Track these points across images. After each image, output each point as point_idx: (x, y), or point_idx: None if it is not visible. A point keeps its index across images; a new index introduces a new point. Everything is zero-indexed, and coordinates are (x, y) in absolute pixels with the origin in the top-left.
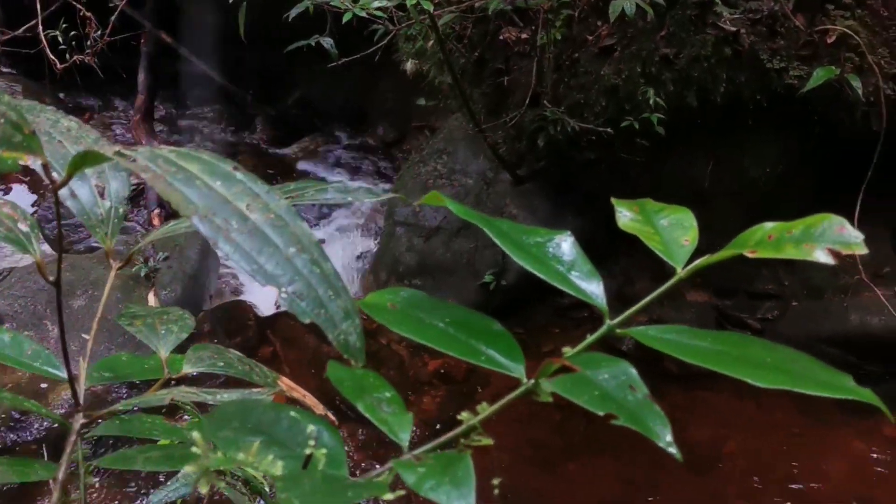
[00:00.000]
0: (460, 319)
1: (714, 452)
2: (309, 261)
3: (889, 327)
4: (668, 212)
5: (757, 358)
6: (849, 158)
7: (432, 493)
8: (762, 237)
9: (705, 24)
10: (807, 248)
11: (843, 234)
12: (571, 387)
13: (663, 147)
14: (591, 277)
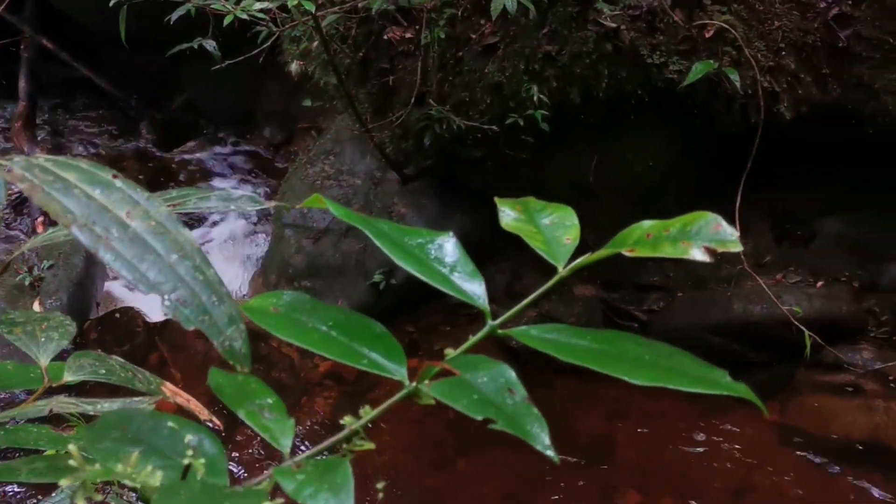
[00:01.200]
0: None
1: (607, 442)
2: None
3: (771, 315)
4: (551, 210)
5: (635, 355)
6: (729, 150)
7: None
8: (640, 236)
9: (586, 20)
10: (683, 246)
11: (719, 231)
12: (450, 391)
13: (548, 143)
14: (473, 278)
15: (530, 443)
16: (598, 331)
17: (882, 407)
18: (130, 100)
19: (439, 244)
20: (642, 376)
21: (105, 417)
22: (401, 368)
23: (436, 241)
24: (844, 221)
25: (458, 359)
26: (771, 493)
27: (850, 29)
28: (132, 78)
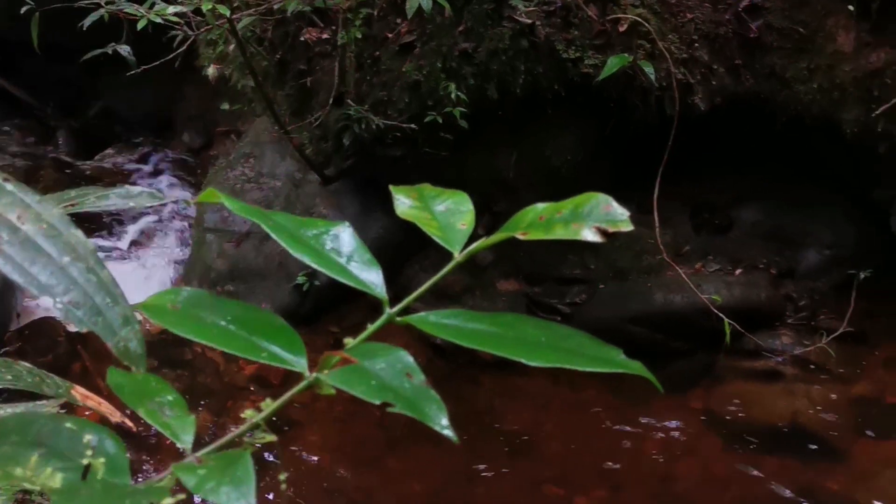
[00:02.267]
0: (243, 316)
1: (531, 437)
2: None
3: (691, 304)
4: (446, 197)
5: (532, 338)
6: (647, 142)
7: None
8: (533, 219)
9: (502, 17)
10: (575, 227)
11: (610, 212)
12: (349, 378)
13: (468, 140)
14: (370, 267)
15: (428, 424)
16: (497, 315)
17: (802, 391)
18: (46, 108)
19: (335, 234)
20: (539, 358)
21: (4, 422)
22: (301, 360)
23: (332, 232)
24: (760, 209)
25: (358, 347)
26: (696, 480)
27: (760, 20)
28: (48, 86)
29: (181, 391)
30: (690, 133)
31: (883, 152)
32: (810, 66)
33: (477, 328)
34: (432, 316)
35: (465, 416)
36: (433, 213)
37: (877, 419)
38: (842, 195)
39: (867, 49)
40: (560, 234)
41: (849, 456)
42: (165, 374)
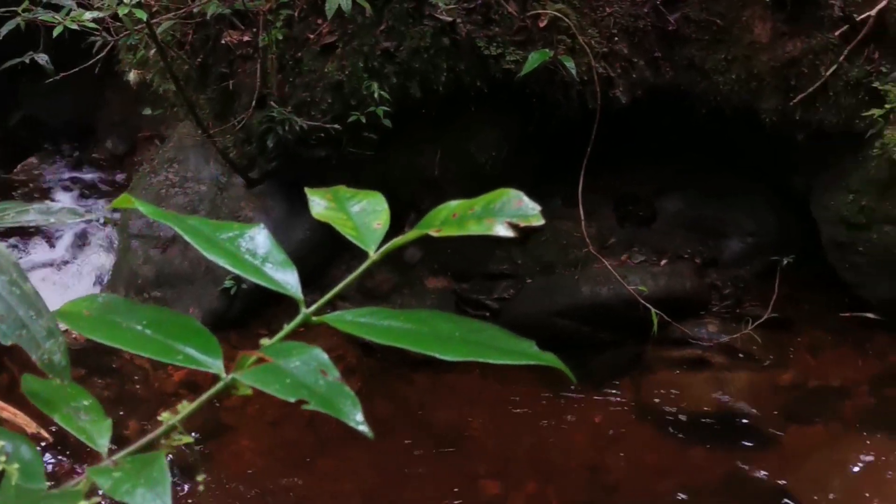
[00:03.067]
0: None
1: (463, 433)
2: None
3: (618, 295)
4: (360, 197)
5: (445, 333)
6: (570, 136)
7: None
8: (447, 216)
9: (422, 15)
10: (487, 223)
11: (521, 206)
12: (264, 377)
13: (393, 139)
14: (285, 267)
15: (343, 420)
16: (412, 311)
17: (729, 378)
18: None
19: (250, 237)
20: (453, 352)
21: None
22: (216, 361)
23: (247, 234)
24: (683, 200)
25: (273, 347)
26: (627, 469)
27: (678, 12)
28: None
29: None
30: (613, 126)
31: (801, 140)
32: (728, 57)
33: (392, 325)
34: (348, 315)
35: (397, 414)
36: (349, 214)
37: (802, 404)
38: (762, 184)
39: (783, 39)
40: (473, 230)
41: (776, 441)
42: (94, 382)
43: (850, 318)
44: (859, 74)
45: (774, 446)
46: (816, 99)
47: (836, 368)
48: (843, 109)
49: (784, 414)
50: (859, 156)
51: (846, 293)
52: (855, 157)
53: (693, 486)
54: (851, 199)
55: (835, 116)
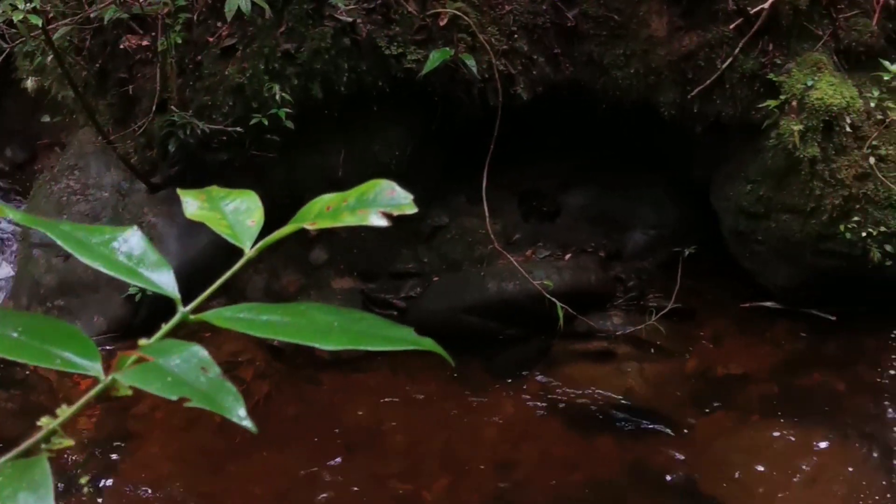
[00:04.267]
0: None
1: (374, 432)
2: None
3: (524, 291)
4: (234, 196)
5: (324, 323)
6: (473, 134)
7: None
8: (321, 209)
9: (322, 16)
10: (361, 213)
11: (394, 196)
12: (144, 376)
13: (296, 141)
14: (160, 268)
15: (226, 416)
16: (289, 304)
17: (635, 369)
18: None
19: (124, 239)
20: (332, 341)
21: None
22: (95, 364)
23: (120, 237)
24: (586, 194)
25: (153, 346)
26: (537, 463)
27: (576, 9)
28: None
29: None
30: (515, 122)
31: (700, 133)
32: (626, 52)
33: (270, 319)
34: (227, 311)
35: (306, 415)
36: (223, 213)
37: (706, 393)
38: (664, 176)
39: (679, 33)
40: (348, 222)
41: (682, 430)
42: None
43: (751, 306)
44: (754, 66)
45: (680, 435)
46: (713, 91)
47: (739, 356)
48: (739, 101)
49: (689, 403)
50: (756, 146)
51: (747, 282)
52: (752, 147)
53: (601, 478)
54: (750, 189)
55: (732, 108)
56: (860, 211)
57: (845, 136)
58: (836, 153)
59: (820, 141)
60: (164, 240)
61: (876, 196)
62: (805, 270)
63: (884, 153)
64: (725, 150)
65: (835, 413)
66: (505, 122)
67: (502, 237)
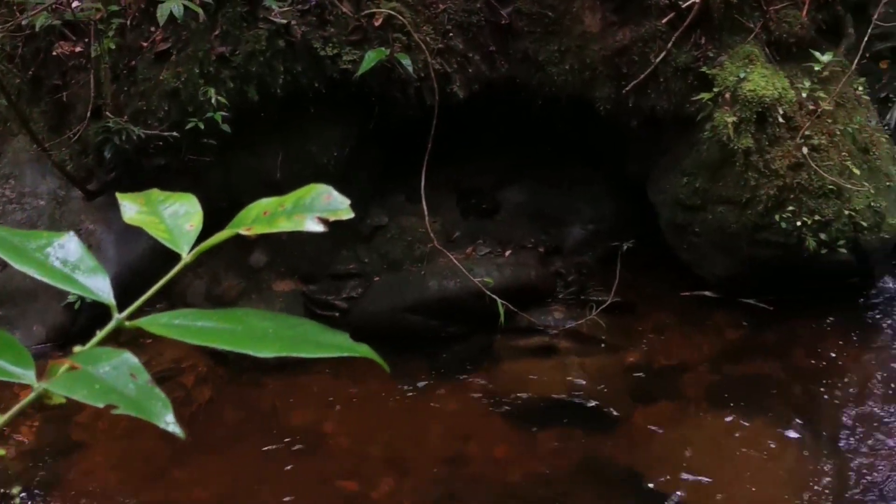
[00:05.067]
0: None
1: (318, 434)
2: None
3: (465, 288)
4: (173, 200)
5: (259, 330)
6: (412, 133)
7: None
8: (258, 214)
9: (257, 19)
10: (297, 219)
11: (331, 201)
12: (72, 384)
13: (233, 144)
14: (95, 274)
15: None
16: (225, 310)
17: (577, 363)
18: None
19: (60, 245)
20: (267, 348)
21: None
22: (28, 372)
23: (56, 243)
24: (525, 191)
25: (84, 353)
26: (482, 460)
27: (510, 6)
28: None
29: None
30: (453, 121)
31: (635, 127)
32: (561, 48)
33: (205, 325)
34: (162, 318)
35: (250, 420)
36: (161, 217)
37: (647, 384)
38: (601, 171)
39: (613, 28)
40: (284, 227)
41: (624, 422)
42: None
43: (690, 297)
44: (687, 60)
45: (623, 427)
46: (648, 86)
47: (679, 347)
48: (673, 95)
49: (631, 395)
50: (691, 139)
51: (685, 273)
52: (687, 140)
53: (545, 473)
54: (686, 181)
55: (666, 102)
56: (795, 200)
57: (778, 126)
58: (769, 144)
59: (753, 132)
60: (103, 246)
61: (810, 185)
62: (742, 260)
63: (816, 143)
64: (661, 143)
65: (774, 400)
66: (442, 121)
67: (442, 235)
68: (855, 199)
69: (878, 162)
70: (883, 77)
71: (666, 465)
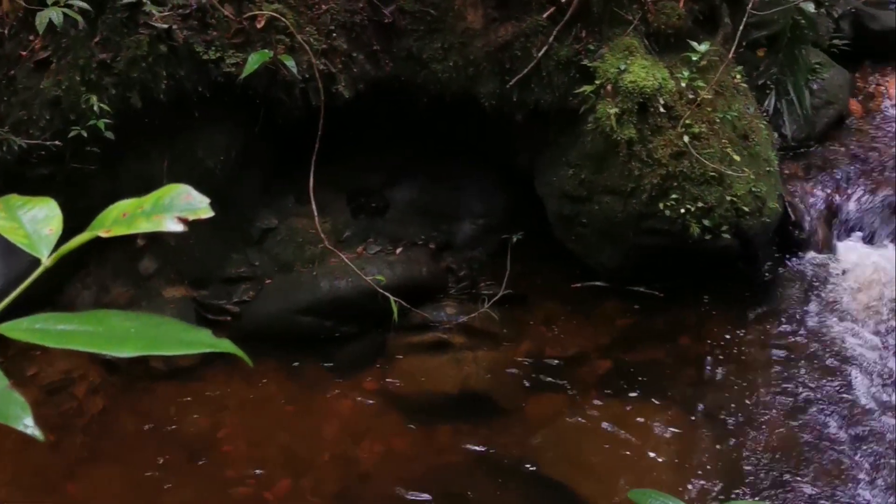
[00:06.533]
0: None
1: (212, 439)
2: None
3: (357, 287)
4: (32, 204)
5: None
6: (300, 134)
7: None
8: (117, 216)
9: (137, 24)
10: (157, 219)
11: (190, 201)
12: None
13: (119, 152)
14: None
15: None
16: (86, 313)
17: (470, 357)
18: None
19: None
20: (128, 348)
21: None
22: None
23: None
24: (415, 188)
25: None
26: (379, 458)
27: (393, 5)
28: None
29: None
30: (340, 120)
31: (520, 121)
32: (444, 45)
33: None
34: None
35: (144, 427)
36: (20, 222)
37: (540, 375)
38: (489, 166)
39: (495, 24)
40: (143, 228)
41: (518, 413)
42: None
43: (580, 288)
44: (569, 53)
45: (517, 419)
46: (531, 80)
47: (571, 337)
48: (556, 88)
49: (524, 386)
50: (576, 131)
51: (576, 264)
52: (572, 133)
53: (442, 468)
54: (572, 173)
55: (549, 95)
56: (678, 188)
57: (660, 116)
58: (651, 134)
59: (636, 123)
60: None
61: (692, 173)
62: (629, 249)
63: (697, 131)
64: (546, 136)
65: (663, 384)
66: (329, 121)
67: (333, 235)
68: (736, 185)
69: (757, 148)
70: (760, 65)
71: (560, 453)
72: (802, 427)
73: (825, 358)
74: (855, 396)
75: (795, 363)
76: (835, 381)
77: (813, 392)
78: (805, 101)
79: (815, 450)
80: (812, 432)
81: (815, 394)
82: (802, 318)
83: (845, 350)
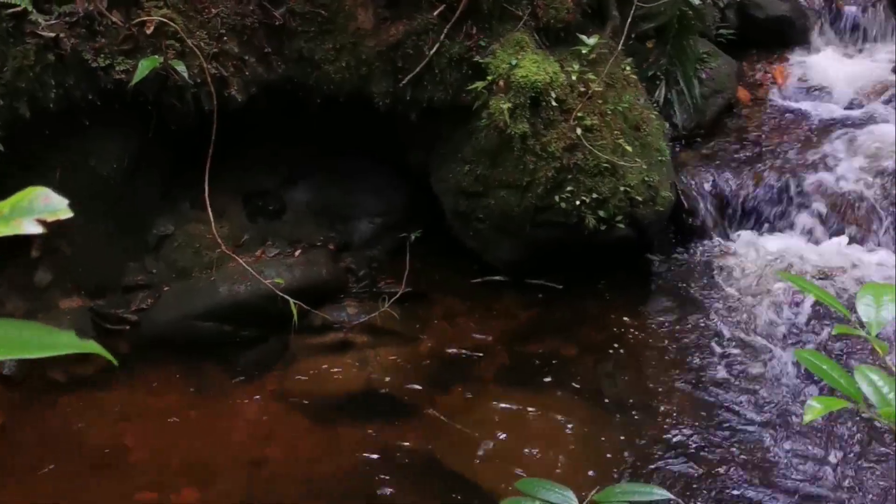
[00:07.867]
0: None
1: (115, 450)
2: None
3: (256, 291)
4: None
5: None
6: (195, 139)
7: None
8: None
9: (24, 33)
10: (16, 223)
11: (49, 203)
12: None
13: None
14: None
15: None
16: None
17: (372, 356)
18: None
19: None
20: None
21: None
22: None
23: None
24: (311, 189)
25: None
26: (285, 461)
27: (283, 7)
28: None
29: None
30: (234, 124)
31: (415, 119)
32: (336, 46)
33: None
34: None
35: (48, 442)
36: None
37: (442, 371)
38: (386, 165)
39: (386, 24)
40: (2, 232)
41: (421, 410)
42: None
43: (480, 283)
44: (460, 50)
45: (420, 415)
46: (423, 78)
47: (472, 332)
48: (449, 85)
49: (427, 383)
50: (470, 128)
51: (475, 260)
52: (466, 129)
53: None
54: (467, 169)
55: (443, 93)
56: (572, 180)
57: (552, 110)
58: (545, 127)
59: (529, 117)
60: None
61: (586, 165)
62: (527, 243)
63: (589, 123)
64: (441, 133)
65: (565, 376)
66: (223, 124)
67: (230, 240)
68: (629, 176)
69: (648, 138)
70: (649, 56)
71: (464, 448)
72: (704, 409)
73: (722, 342)
74: (752, 376)
75: (693, 348)
76: (734, 363)
77: (711, 375)
78: (694, 91)
79: (718, 429)
80: (713, 414)
81: (713, 376)
82: (698, 303)
83: (739, 333)
